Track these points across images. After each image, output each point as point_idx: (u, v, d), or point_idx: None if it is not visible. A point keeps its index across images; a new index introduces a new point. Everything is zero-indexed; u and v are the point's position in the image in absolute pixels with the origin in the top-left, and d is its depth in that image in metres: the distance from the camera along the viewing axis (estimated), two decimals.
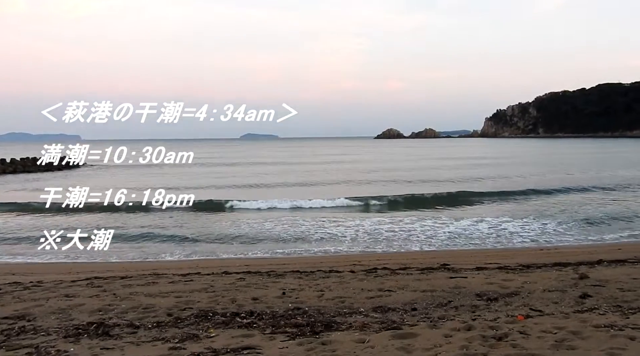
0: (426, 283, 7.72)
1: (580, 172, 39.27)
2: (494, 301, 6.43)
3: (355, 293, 7.10)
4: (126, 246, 15.33)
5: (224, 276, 9.17)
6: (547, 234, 16.02)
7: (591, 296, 6.51)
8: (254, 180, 37.90)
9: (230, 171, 49.37)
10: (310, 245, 14.97)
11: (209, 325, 5.52)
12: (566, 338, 4.66)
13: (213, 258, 13.54)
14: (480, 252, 13.42)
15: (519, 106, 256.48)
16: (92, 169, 52.61)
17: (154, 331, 5.35)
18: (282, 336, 5.01)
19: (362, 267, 10.07)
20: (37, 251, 13.15)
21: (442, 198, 24.87)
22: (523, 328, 5.01)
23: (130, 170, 45.08)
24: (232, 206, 22.91)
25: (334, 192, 27.52)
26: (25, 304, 6.75)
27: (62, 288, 8.06)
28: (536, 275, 8.28)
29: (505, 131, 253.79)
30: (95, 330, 5.37)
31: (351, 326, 5.32)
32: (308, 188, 31.82)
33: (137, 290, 7.62)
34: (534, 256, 11.81)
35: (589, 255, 11.34)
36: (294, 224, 18.05)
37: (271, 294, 7.12)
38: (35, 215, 20.34)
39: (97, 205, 18.30)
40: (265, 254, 13.83)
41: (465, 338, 4.73)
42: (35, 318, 5.95)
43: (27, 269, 11.89)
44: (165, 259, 13.52)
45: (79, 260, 13.31)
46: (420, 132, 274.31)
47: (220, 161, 64.27)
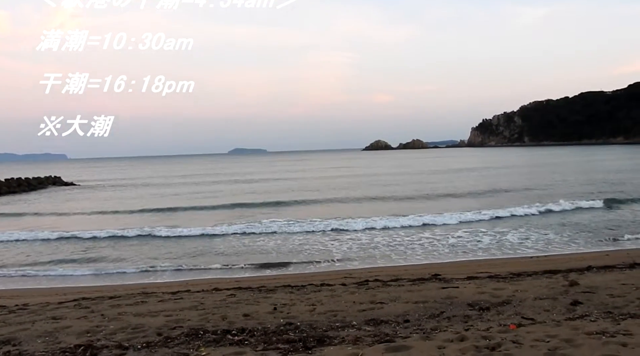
0: (418, 294, 7.70)
1: (577, 180, 39.49)
2: (486, 311, 6.43)
3: (347, 306, 7.05)
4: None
5: (214, 292, 9.07)
6: (539, 242, 16.13)
7: (582, 303, 6.53)
8: (312, 195, 34.39)
9: (259, 187, 44.77)
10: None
11: (200, 344, 5.43)
12: (559, 346, 4.65)
13: (203, 276, 13.39)
14: (471, 262, 13.45)
15: (504, 116, 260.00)
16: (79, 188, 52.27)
17: (144, 351, 5.25)
18: (274, 353, 4.95)
19: (354, 280, 10.03)
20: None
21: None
22: (516, 337, 5.00)
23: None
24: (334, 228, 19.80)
25: (413, 207, 25.49)
26: (10, 328, 6.58)
27: (48, 310, 7.90)
28: (527, 283, 8.31)
29: (491, 140, 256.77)
30: (83, 352, 5.25)
31: (344, 340, 5.27)
32: (388, 204, 28.61)
33: (125, 310, 7.49)
34: (524, 264, 11.87)
35: (578, 262, 11.43)
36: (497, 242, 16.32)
37: (262, 310, 7.04)
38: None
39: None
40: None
41: (458, 349, 4.71)
42: (21, 342, 5.81)
43: (12, 292, 11.66)
44: (157, 280, 13.35)
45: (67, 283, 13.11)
46: (408, 143, 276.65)
47: (241, 178, 59.52)
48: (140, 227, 21.00)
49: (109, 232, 20.09)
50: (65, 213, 29.24)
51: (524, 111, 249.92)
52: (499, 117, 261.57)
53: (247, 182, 52.76)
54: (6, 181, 49.36)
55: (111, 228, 21.38)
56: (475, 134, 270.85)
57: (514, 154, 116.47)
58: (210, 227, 20.53)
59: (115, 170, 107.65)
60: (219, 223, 21.62)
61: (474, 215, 21.35)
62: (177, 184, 52.98)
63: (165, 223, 22.64)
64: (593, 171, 48.16)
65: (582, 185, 34.31)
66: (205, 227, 20.52)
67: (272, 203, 30.00)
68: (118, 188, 50.87)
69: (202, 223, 21.96)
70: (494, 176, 47.99)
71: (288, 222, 21.30)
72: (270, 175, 64.09)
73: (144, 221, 23.52)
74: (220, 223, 21.42)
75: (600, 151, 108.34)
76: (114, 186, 54.16)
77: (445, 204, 26.57)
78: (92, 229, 21.09)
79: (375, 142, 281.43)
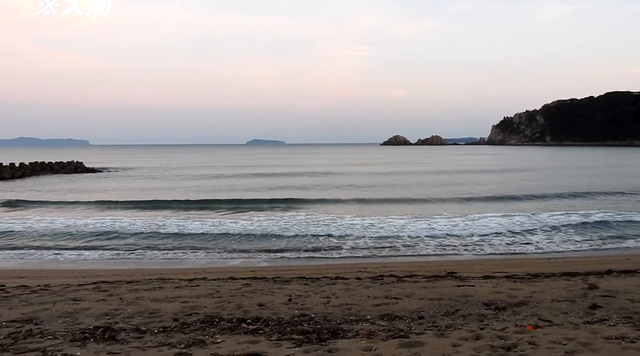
0: (433, 291, 7.66)
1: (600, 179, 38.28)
2: (502, 311, 6.36)
3: (361, 300, 7.06)
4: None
5: (229, 281, 9.16)
6: (555, 242, 15.89)
7: (601, 306, 6.43)
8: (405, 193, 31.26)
9: (323, 181, 41.18)
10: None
11: (215, 331, 5.49)
12: (576, 350, 4.59)
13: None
14: (487, 261, 13.33)
15: (526, 114, 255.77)
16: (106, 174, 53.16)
17: (160, 336, 5.34)
18: (288, 343, 4.98)
19: (368, 274, 10.03)
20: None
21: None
22: (532, 338, 4.95)
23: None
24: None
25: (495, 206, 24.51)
26: (32, 307, 6.76)
27: (69, 291, 8.08)
28: (544, 285, 8.20)
29: (512, 138, 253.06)
30: (102, 334, 5.36)
31: (358, 333, 5.28)
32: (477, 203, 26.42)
33: (143, 295, 7.62)
34: (542, 266, 11.71)
35: (597, 265, 11.23)
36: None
37: (277, 300, 7.09)
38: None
39: None
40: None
41: (473, 348, 4.68)
42: (42, 322, 5.96)
43: (34, 273, 11.94)
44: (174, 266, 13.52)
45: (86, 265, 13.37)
46: (427, 139, 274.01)
47: (281, 171, 55.60)
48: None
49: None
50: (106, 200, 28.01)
51: (546, 109, 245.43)
52: (521, 115, 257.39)
53: (340, 174, 49.56)
54: (30, 165, 50.49)
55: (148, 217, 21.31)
56: (496, 132, 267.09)
57: (551, 153, 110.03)
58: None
59: (136, 157, 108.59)
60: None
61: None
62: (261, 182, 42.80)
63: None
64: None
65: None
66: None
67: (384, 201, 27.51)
68: (142, 176, 51.38)
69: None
70: (576, 176, 43.81)
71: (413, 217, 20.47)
72: (339, 168, 60.81)
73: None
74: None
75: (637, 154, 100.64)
76: (142, 174, 53.90)
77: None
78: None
79: (394, 138, 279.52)
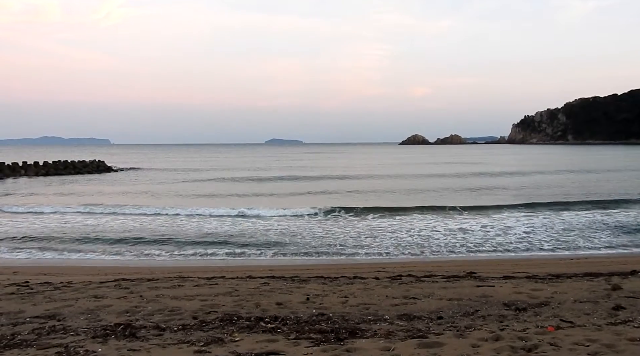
0: (452, 291, 7.59)
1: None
2: (523, 311, 6.27)
3: (379, 300, 7.03)
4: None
5: (248, 280, 9.21)
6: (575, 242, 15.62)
7: (625, 308, 6.29)
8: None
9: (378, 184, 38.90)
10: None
11: (234, 329, 5.53)
12: (599, 351, 4.50)
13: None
14: (507, 261, 13.15)
15: (547, 112, 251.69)
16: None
17: (180, 333, 5.40)
18: (306, 342, 4.99)
19: (387, 274, 9.98)
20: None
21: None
22: (553, 339, 4.87)
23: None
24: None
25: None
26: (55, 304, 6.90)
27: (90, 289, 8.23)
28: (566, 285, 8.05)
29: (533, 137, 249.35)
30: (123, 331, 5.45)
31: (376, 333, 5.26)
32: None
33: (163, 293, 7.71)
34: (564, 266, 11.52)
35: (621, 265, 11.00)
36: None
37: (295, 299, 7.10)
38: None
39: None
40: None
41: (493, 349, 4.63)
42: (65, 318, 6.08)
43: (57, 270, 12.19)
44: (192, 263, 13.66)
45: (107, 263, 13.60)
46: (446, 138, 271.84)
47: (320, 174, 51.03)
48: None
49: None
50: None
51: (568, 107, 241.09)
52: (542, 113, 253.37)
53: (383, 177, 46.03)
54: (54, 163, 51.55)
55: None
56: (516, 130, 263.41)
57: (585, 152, 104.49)
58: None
59: (156, 157, 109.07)
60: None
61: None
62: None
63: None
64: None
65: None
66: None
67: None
68: (162, 177, 51.93)
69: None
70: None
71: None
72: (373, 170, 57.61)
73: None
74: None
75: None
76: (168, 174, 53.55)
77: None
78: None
79: (412, 137, 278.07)
